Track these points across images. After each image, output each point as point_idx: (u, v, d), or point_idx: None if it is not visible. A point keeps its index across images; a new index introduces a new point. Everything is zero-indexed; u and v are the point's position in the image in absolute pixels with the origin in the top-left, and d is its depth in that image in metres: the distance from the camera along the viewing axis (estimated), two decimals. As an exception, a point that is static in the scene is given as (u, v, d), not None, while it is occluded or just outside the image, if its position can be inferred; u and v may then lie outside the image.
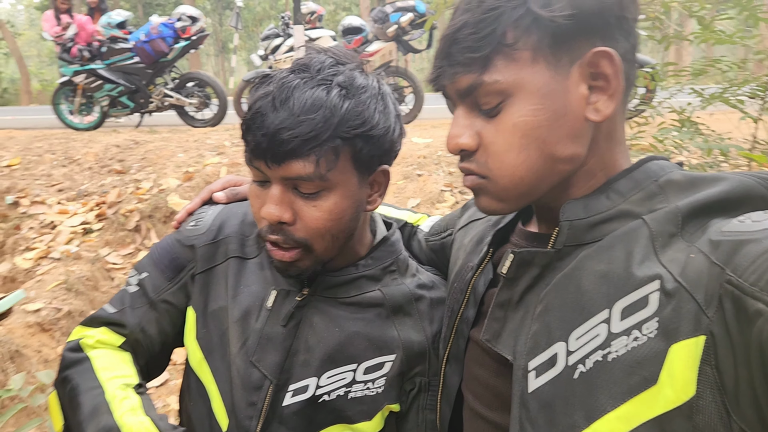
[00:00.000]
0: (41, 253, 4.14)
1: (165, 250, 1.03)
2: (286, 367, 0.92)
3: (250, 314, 0.95)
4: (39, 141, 6.11)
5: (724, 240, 0.57)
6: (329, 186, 0.83)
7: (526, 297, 0.72)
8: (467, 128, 0.71)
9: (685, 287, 0.58)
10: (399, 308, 0.95)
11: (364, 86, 0.85)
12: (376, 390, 0.92)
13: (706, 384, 0.55)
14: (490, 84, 0.67)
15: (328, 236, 0.86)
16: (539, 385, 0.66)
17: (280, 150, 0.79)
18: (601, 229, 0.68)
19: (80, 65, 6.89)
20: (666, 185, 0.68)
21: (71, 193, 4.90)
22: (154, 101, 6.99)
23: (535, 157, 0.68)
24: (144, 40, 6.74)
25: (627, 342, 0.60)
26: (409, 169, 4.43)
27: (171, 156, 5.13)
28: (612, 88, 0.67)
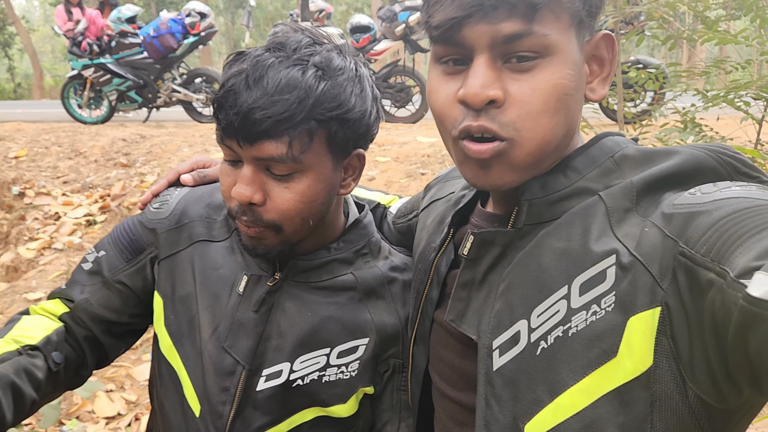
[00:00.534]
0: (44, 244, 4.17)
1: (125, 231, 1.01)
2: (259, 352, 0.91)
3: (221, 299, 0.93)
4: (46, 134, 6.15)
5: (676, 213, 0.58)
6: (302, 168, 0.81)
7: (489, 276, 0.73)
8: (495, 80, 0.65)
9: (640, 260, 0.59)
10: (372, 291, 0.94)
11: (341, 68, 0.83)
12: (350, 373, 0.92)
13: (662, 354, 0.57)
14: (539, 36, 0.63)
15: (298, 219, 0.84)
16: (503, 362, 0.67)
17: (253, 130, 0.77)
18: (559, 207, 0.69)
19: (89, 59, 6.93)
20: (621, 161, 0.68)
21: (76, 185, 4.93)
22: (161, 96, 7.03)
23: (562, 123, 0.66)
24: (153, 35, 6.78)
25: (586, 317, 0.61)
26: (413, 167, 4.42)
27: (176, 150, 5.15)
28: (606, 72, 0.70)
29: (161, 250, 0.99)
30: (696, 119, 2.62)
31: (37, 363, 0.89)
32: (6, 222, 4.61)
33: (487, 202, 0.83)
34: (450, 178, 0.98)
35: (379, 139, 5.00)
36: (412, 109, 6.70)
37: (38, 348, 0.91)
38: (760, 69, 3.82)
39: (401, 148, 4.65)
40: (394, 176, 4.25)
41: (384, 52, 6.68)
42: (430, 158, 4.58)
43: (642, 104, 5.00)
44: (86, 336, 0.98)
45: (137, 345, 3.08)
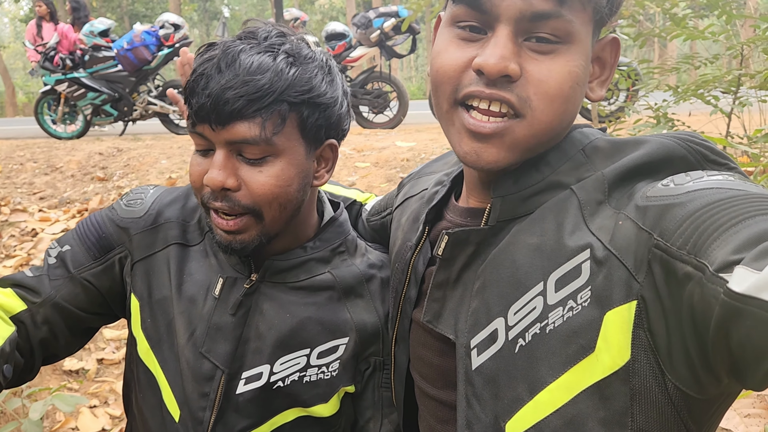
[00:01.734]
0: (22, 261, 4.10)
1: (93, 227, 0.97)
2: (238, 355, 0.90)
3: (196, 303, 0.92)
4: (21, 150, 6.06)
5: (650, 205, 0.58)
6: (275, 152, 0.81)
7: (464, 275, 0.72)
8: (515, 55, 0.64)
9: (614, 254, 0.59)
10: (350, 290, 0.93)
11: (311, 57, 0.85)
12: (330, 373, 0.91)
13: (640, 347, 0.57)
14: (566, 21, 0.63)
15: (275, 204, 0.83)
16: (482, 361, 0.67)
17: (225, 110, 0.77)
18: (533, 202, 0.68)
19: (63, 74, 6.85)
20: (591, 153, 0.69)
21: (53, 201, 4.87)
22: (137, 109, 6.97)
23: (570, 111, 0.67)
24: (127, 48, 6.72)
25: (563, 313, 0.61)
26: (393, 171, 4.43)
27: (154, 162, 5.10)
28: (605, 75, 0.71)
29: (135, 252, 0.96)
30: (668, 114, 2.67)
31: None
32: (-19, 240, 4.54)
33: (461, 197, 0.83)
34: (423, 174, 0.97)
35: (359, 145, 5.00)
36: (390, 115, 6.72)
37: None
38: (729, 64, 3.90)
39: (380, 153, 4.66)
40: (374, 181, 4.26)
41: (360, 58, 6.70)
42: (409, 162, 4.60)
43: (617, 102, 5.08)
44: (43, 338, 0.92)
45: (119, 359, 3.04)
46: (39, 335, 0.92)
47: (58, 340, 0.94)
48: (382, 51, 6.60)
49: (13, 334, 0.87)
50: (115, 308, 0.99)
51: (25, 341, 0.91)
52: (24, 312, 0.91)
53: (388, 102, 6.69)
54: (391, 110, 6.73)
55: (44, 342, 0.93)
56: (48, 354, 0.95)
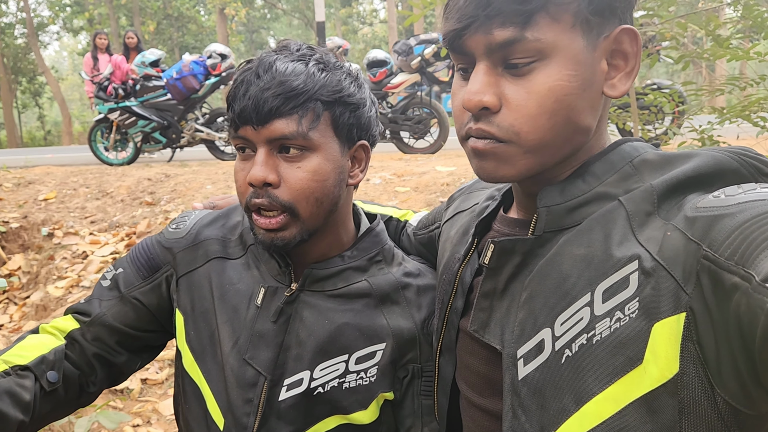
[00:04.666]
0: (72, 282, 4.24)
1: (143, 250, 1.05)
2: (280, 362, 0.93)
3: (239, 313, 0.96)
4: (75, 176, 6.31)
5: (699, 216, 0.58)
6: (311, 146, 0.87)
7: (511, 285, 0.72)
8: (491, 86, 0.67)
9: (663, 265, 0.58)
10: (386, 297, 0.96)
11: (339, 65, 0.93)
12: (369, 379, 0.93)
13: (689, 360, 0.56)
14: (531, 42, 0.64)
15: (312, 199, 0.88)
16: (528, 371, 0.67)
17: (264, 109, 0.84)
18: (579, 213, 0.68)
19: (115, 103, 7.14)
20: (640, 165, 0.68)
21: (103, 225, 5.04)
22: (185, 136, 7.18)
23: (563, 124, 0.66)
24: (176, 78, 6.96)
25: (610, 323, 0.61)
26: (432, 196, 4.44)
27: (200, 188, 5.24)
28: (629, 66, 0.69)
29: (179, 269, 1.02)
30: (713, 137, 2.61)
31: (25, 384, 0.89)
32: (36, 262, 4.72)
33: (510, 208, 0.83)
34: (474, 189, 0.98)
35: (399, 170, 5.04)
36: (431, 140, 6.75)
37: (29, 368, 0.91)
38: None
39: (420, 178, 4.68)
40: (414, 206, 4.28)
41: (401, 84, 6.77)
42: (449, 187, 4.60)
43: (660, 128, 4.99)
44: (96, 353, 0.99)
45: (163, 380, 3.10)
46: (92, 350, 0.99)
47: (113, 356, 1.01)
48: (423, 78, 6.66)
49: (60, 346, 0.97)
50: (166, 325, 1.06)
51: (80, 356, 0.99)
52: (75, 330, 1.00)
53: (429, 127, 6.72)
54: (431, 135, 6.76)
55: (99, 357, 1.00)
56: (112, 371, 1.02)
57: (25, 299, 4.44)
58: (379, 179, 4.83)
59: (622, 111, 3.15)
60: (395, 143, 6.93)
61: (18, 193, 5.80)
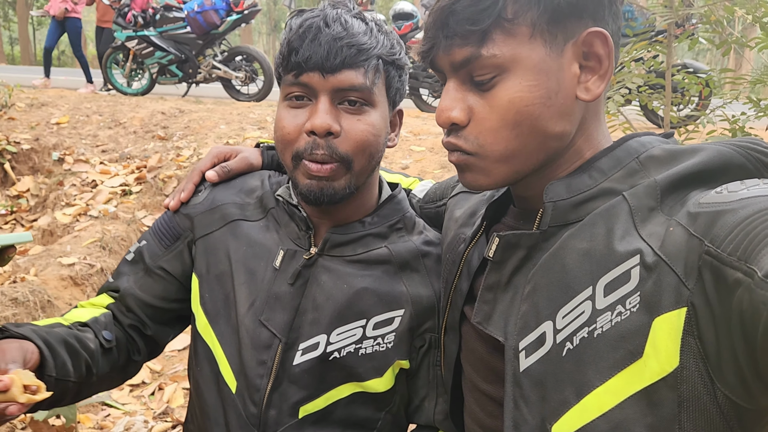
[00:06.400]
0: (80, 210, 4.25)
1: (164, 220, 1.06)
2: (295, 325, 0.93)
3: (257, 275, 0.96)
4: (88, 102, 6.25)
5: (702, 212, 0.58)
6: (372, 102, 0.89)
7: (515, 278, 0.73)
8: (459, 102, 0.70)
9: (664, 260, 0.59)
10: (406, 264, 0.96)
11: (387, 29, 0.94)
12: (386, 345, 0.93)
13: (689, 354, 0.57)
14: (488, 58, 0.67)
15: (367, 153, 0.89)
16: (530, 363, 0.68)
17: (338, 58, 0.85)
18: (584, 208, 0.69)
19: (134, 31, 7.01)
20: (646, 161, 0.68)
21: (114, 155, 5.02)
22: (202, 72, 7.08)
23: (527, 133, 0.68)
24: (197, 11, 6.82)
25: (611, 317, 0.62)
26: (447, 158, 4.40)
27: (213, 127, 5.19)
28: (603, 69, 0.69)
29: (196, 232, 1.02)
30: (745, 128, 2.54)
31: (88, 336, 0.94)
32: (45, 186, 4.71)
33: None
34: None
35: (415, 128, 4.97)
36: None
37: (87, 324, 0.96)
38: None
39: (437, 139, 4.62)
40: (428, 166, 4.23)
41: (425, 40, 6.63)
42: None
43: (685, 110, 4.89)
44: (131, 324, 1.03)
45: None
46: (127, 322, 1.03)
47: (147, 327, 1.04)
48: (449, 35, 6.50)
49: (107, 312, 1.02)
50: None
51: (119, 327, 1.03)
52: (111, 304, 1.04)
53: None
54: (450, 96, 6.65)
55: (134, 329, 1.04)
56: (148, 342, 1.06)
57: (32, 222, 4.46)
58: (395, 136, 4.77)
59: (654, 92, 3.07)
60: (413, 100, 6.83)
61: (31, 114, 5.76)
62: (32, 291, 3.13)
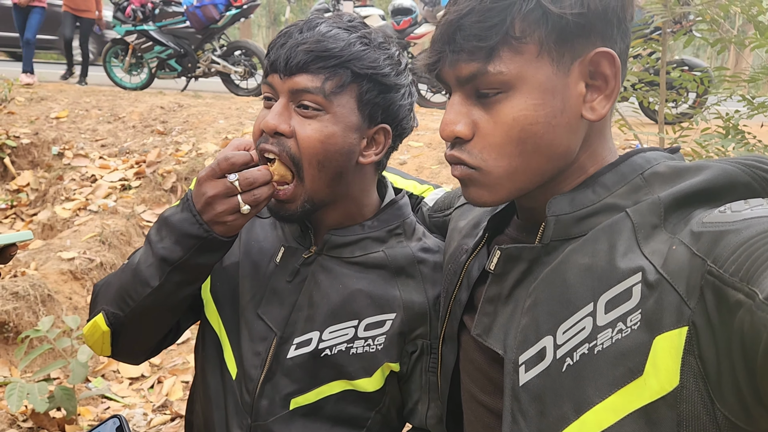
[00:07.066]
0: (80, 205, 4.27)
1: None
2: (291, 321, 0.96)
3: (260, 269, 1.00)
4: (87, 96, 6.26)
5: (705, 231, 0.58)
6: (328, 109, 0.88)
7: (515, 292, 0.73)
8: (463, 116, 0.70)
9: (666, 279, 0.58)
10: (401, 270, 0.97)
11: (385, 46, 0.92)
12: (376, 347, 0.95)
13: (689, 373, 0.56)
14: (494, 75, 0.66)
15: (314, 161, 0.89)
16: (529, 378, 0.68)
17: (294, 61, 0.87)
18: (587, 223, 0.69)
19: (133, 25, 7.01)
20: (651, 177, 0.68)
21: (113, 149, 5.03)
22: (201, 66, 7.09)
23: (531, 151, 0.68)
24: (196, 6, 6.82)
25: (612, 334, 0.61)
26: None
27: (212, 122, 5.20)
28: (609, 89, 0.68)
29: None
30: (739, 126, 2.56)
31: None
32: (44, 180, 4.73)
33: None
34: None
35: (413, 124, 4.98)
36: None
37: None
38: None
39: (435, 134, 4.63)
40: (425, 162, 4.25)
41: (424, 36, 6.63)
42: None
43: (683, 106, 4.90)
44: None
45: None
46: None
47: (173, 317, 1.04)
48: (448, 30, 6.50)
49: None
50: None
51: None
52: None
53: (448, 82, 6.61)
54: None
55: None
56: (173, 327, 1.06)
57: (32, 216, 4.48)
58: (393, 131, 4.78)
59: (649, 89, 3.09)
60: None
61: (30, 108, 5.77)
62: (32, 285, 3.16)
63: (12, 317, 3.03)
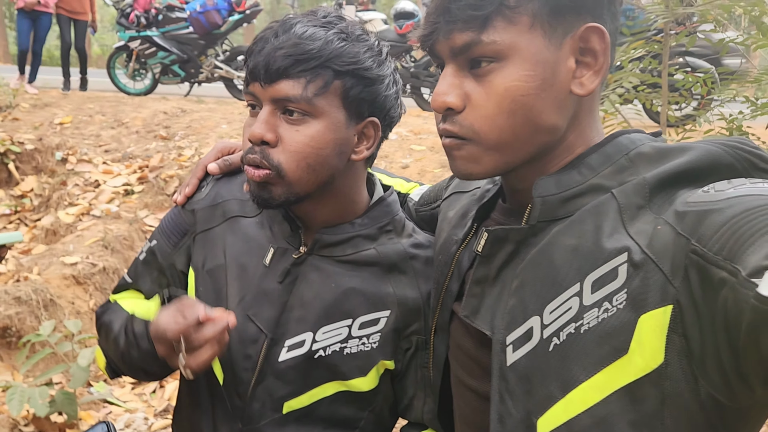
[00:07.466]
0: (83, 210, 4.28)
1: (171, 218, 1.07)
2: (282, 322, 0.95)
3: (248, 270, 0.98)
4: (91, 102, 6.29)
5: (689, 211, 0.58)
6: (315, 113, 0.87)
7: (503, 273, 0.74)
8: (455, 87, 0.71)
9: (652, 258, 0.59)
10: (394, 266, 0.96)
11: (364, 38, 0.91)
12: (370, 345, 0.94)
13: (673, 351, 0.58)
14: (488, 44, 0.67)
15: (303, 164, 0.88)
16: (517, 358, 0.69)
17: (273, 68, 0.85)
18: (573, 204, 0.69)
19: (136, 31, 7.04)
20: (636, 158, 0.68)
21: (117, 155, 5.05)
22: (204, 72, 7.11)
23: (521, 123, 0.69)
24: (199, 11, 6.85)
25: (598, 314, 0.62)
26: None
27: (215, 126, 5.22)
28: (599, 65, 0.69)
29: (197, 226, 1.03)
30: (743, 127, 2.55)
31: None
32: (48, 186, 4.75)
33: (507, 198, 0.84)
34: None
35: (416, 128, 4.98)
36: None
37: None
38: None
39: (437, 138, 4.60)
40: (428, 166, 4.25)
41: (427, 39, 6.62)
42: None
43: (687, 108, 4.88)
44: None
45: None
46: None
47: None
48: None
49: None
50: None
51: None
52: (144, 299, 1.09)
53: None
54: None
55: None
56: None
57: (36, 221, 4.49)
58: (395, 135, 4.78)
59: (652, 91, 3.08)
60: (415, 99, 6.84)
61: (34, 114, 5.80)
62: (35, 290, 3.16)
63: (14, 322, 3.04)
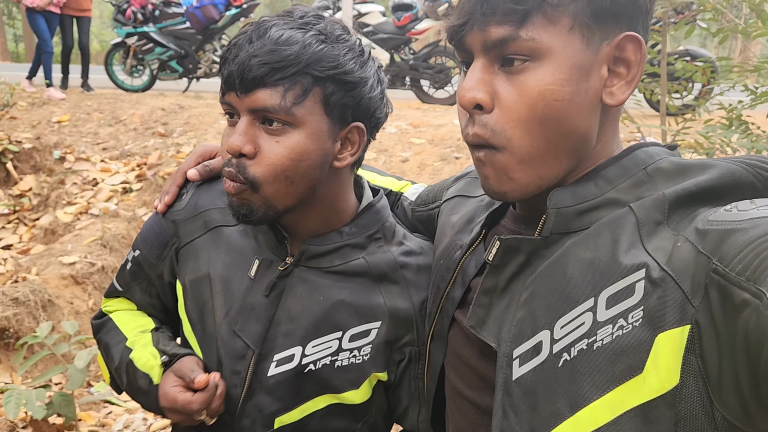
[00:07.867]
0: (81, 209, 4.27)
1: (151, 228, 1.04)
2: (269, 337, 0.92)
3: (233, 283, 0.95)
4: (89, 99, 6.27)
5: (711, 229, 0.57)
6: (295, 122, 0.82)
7: (512, 284, 0.71)
8: (485, 84, 0.66)
9: (671, 276, 0.58)
10: (384, 276, 0.93)
11: (344, 38, 0.86)
12: (362, 357, 0.92)
13: (689, 373, 0.56)
14: (525, 41, 0.63)
15: (281, 177, 0.84)
16: (523, 372, 0.66)
17: (249, 77, 0.80)
18: (588, 217, 0.67)
19: (133, 27, 7.01)
20: (654, 173, 0.66)
21: (115, 152, 5.03)
22: (202, 67, 7.08)
23: (553, 130, 0.65)
24: (196, 6, 6.81)
25: (612, 330, 0.60)
26: (447, 151, 4.38)
27: (213, 123, 5.19)
28: (631, 75, 0.67)
29: (181, 239, 1.01)
30: (743, 116, 2.51)
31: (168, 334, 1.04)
32: (46, 185, 4.74)
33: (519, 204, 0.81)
34: None
35: (415, 120, 4.95)
36: (451, 91, 6.62)
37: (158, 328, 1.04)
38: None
39: (437, 131, 4.60)
40: (427, 159, 4.22)
41: (425, 31, 6.59)
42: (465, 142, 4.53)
43: (688, 97, 4.84)
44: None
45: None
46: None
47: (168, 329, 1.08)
48: (448, 25, 6.46)
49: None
50: None
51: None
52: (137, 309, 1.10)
53: (450, 78, 6.58)
54: (452, 86, 6.62)
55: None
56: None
57: (34, 221, 4.48)
58: (394, 128, 4.75)
59: (651, 80, 3.05)
60: (414, 91, 6.80)
61: (32, 113, 5.79)
62: (33, 291, 3.16)
63: (12, 323, 3.03)
